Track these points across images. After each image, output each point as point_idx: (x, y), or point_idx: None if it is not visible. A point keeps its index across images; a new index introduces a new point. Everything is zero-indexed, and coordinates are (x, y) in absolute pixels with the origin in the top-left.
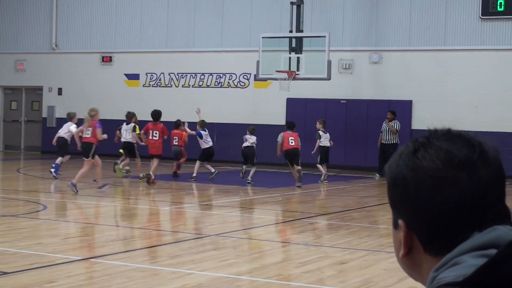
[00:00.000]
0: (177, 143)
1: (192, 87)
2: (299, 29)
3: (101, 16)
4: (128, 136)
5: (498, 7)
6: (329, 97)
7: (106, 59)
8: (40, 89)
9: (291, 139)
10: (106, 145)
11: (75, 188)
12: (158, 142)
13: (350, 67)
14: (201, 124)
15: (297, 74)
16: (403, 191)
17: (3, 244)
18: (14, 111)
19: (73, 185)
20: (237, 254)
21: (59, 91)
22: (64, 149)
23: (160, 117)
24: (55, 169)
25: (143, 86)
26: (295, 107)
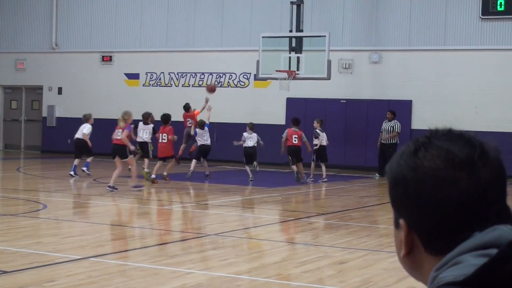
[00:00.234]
0: (190, 125)
1: (192, 86)
2: (299, 29)
3: (101, 15)
4: (145, 136)
5: (498, 6)
6: (329, 97)
7: (106, 59)
8: (40, 88)
9: (295, 137)
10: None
11: (113, 189)
12: (167, 144)
13: (350, 67)
14: (199, 123)
15: (297, 74)
16: (404, 191)
17: (2, 243)
18: (14, 110)
19: (111, 187)
20: (236, 253)
21: (59, 91)
22: (85, 149)
23: (170, 120)
24: (87, 167)
25: (143, 86)
26: (295, 106)
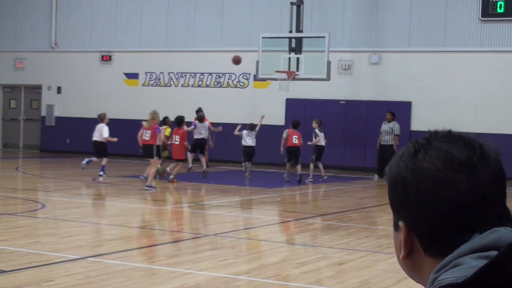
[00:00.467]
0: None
1: (191, 86)
2: (299, 30)
3: (100, 15)
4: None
5: (498, 8)
6: (328, 97)
7: (106, 58)
8: (39, 87)
9: (295, 137)
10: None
11: (152, 188)
12: (179, 146)
13: (349, 68)
14: (199, 117)
15: (296, 75)
16: (403, 193)
17: (1, 243)
18: (13, 110)
19: (148, 186)
20: (235, 254)
21: (58, 90)
22: (104, 151)
23: (183, 122)
24: (102, 171)
25: (142, 86)
26: (294, 107)
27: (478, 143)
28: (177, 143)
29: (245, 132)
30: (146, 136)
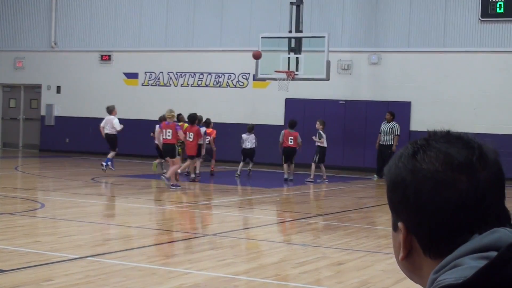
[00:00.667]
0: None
1: (191, 86)
2: (298, 30)
3: (100, 14)
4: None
5: (498, 9)
6: (327, 97)
7: (105, 58)
8: (38, 87)
9: (291, 139)
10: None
11: (175, 186)
12: (193, 143)
13: (349, 68)
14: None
15: (296, 75)
16: (402, 194)
17: (0, 242)
18: (12, 109)
19: (173, 185)
20: (234, 254)
21: (58, 89)
22: (114, 143)
23: (196, 120)
24: (106, 163)
25: (141, 85)
26: (293, 107)
27: (477, 144)
28: (191, 140)
29: (244, 135)
30: (167, 135)
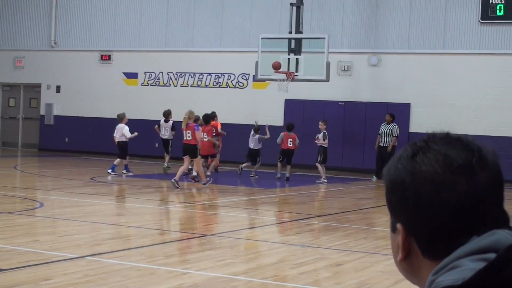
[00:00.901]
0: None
1: (190, 86)
2: (298, 31)
3: (100, 14)
4: (166, 133)
5: (498, 11)
6: (327, 99)
7: (105, 58)
8: (38, 86)
9: (290, 141)
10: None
11: (207, 181)
12: (208, 143)
13: (348, 69)
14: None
15: (295, 75)
16: (401, 195)
17: None
18: (12, 108)
19: (205, 184)
20: (233, 254)
21: (57, 89)
22: (125, 151)
23: (210, 120)
24: (112, 169)
25: (141, 85)
26: (293, 108)
27: (477, 146)
28: (206, 139)
29: (251, 134)
30: (187, 136)
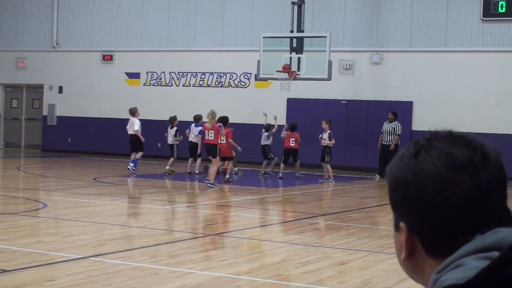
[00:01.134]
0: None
1: (192, 86)
2: (300, 29)
3: (102, 14)
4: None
5: (500, 8)
6: (329, 97)
7: (107, 58)
8: (40, 87)
9: (292, 140)
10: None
11: (214, 185)
12: (225, 145)
13: (350, 67)
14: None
15: (297, 74)
16: (404, 194)
17: (3, 242)
18: (14, 109)
19: (211, 184)
20: (236, 254)
21: (60, 89)
22: (138, 145)
23: (227, 122)
24: (134, 164)
25: (143, 85)
26: (295, 107)
27: (479, 144)
28: (224, 141)
29: (262, 131)
30: (209, 136)
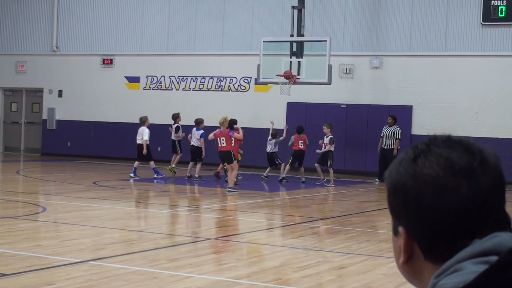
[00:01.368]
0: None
1: (192, 90)
2: (300, 33)
3: (102, 18)
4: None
5: (499, 13)
6: (329, 101)
7: (107, 62)
8: (40, 91)
9: (301, 142)
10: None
11: (233, 190)
12: (235, 147)
13: (350, 71)
14: (198, 122)
15: (297, 78)
16: (403, 198)
17: (2, 246)
18: (14, 113)
19: (230, 189)
20: (236, 258)
21: (60, 93)
22: (146, 154)
23: (234, 124)
24: (156, 173)
25: (143, 89)
26: (295, 111)
27: (478, 149)
28: (233, 145)
29: (268, 139)
30: (221, 143)
